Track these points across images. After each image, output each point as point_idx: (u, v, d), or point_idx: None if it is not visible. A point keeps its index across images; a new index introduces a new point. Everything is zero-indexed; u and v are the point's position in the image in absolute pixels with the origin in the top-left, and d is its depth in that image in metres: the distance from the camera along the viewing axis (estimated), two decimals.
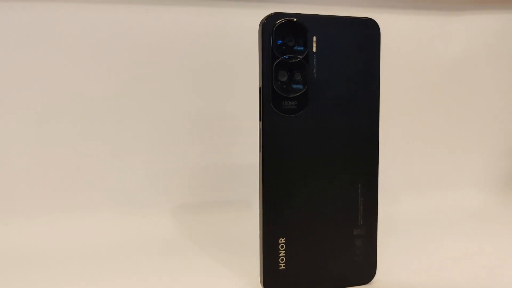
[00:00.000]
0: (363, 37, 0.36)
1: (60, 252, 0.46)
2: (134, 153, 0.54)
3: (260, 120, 0.35)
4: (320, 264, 0.37)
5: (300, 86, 0.35)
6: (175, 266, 0.43)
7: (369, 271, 0.38)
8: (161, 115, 0.55)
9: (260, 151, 0.35)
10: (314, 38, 0.35)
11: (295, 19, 0.34)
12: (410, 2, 0.60)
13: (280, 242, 0.36)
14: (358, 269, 0.38)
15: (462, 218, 0.58)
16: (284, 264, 0.36)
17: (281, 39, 0.34)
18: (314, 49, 0.35)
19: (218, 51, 0.55)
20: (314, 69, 0.35)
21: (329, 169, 0.36)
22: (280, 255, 0.36)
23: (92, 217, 0.52)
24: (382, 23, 0.37)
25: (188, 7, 0.54)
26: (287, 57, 0.34)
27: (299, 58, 0.34)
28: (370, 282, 0.38)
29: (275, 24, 0.34)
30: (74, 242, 0.48)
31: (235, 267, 0.42)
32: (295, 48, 0.34)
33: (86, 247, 0.47)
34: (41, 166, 0.52)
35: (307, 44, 0.35)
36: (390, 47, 0.61)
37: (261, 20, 0.34)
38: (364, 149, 0.37)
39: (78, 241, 0.49)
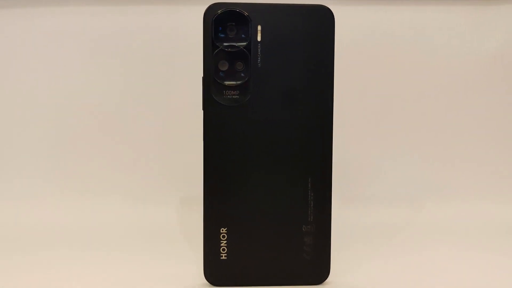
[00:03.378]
0: (315, 25, 0.35)
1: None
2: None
3: (202, 109, 0.35)
4: (265, 258, 0.36)
5: (242, 76, 0.35)
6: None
7: (322, 272, 0.36)
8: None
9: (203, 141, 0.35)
10: (259, 27, 0.34)
11: (236, 9, 0.34)
12: None
13: (221, 232, 0.36)
14: (309, 268, 0.36)
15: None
16: (225, 254, 0.36)
17: (222, 28, 0.34)
18: (259, 38, 0.35)
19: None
20: (259, 58, 0.35)
21: (275, 161, 0.35)
22: (222, 245, 0.36)
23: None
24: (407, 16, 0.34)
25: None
26: (227, 46, 0.34)
27: (239, 47, 0.34)
28: (322, 283, 0.36)
29: (216, 14, 0.34)
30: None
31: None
32: (236, 37, 0.34)
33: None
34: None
35: (250, 33, 0.34)
36: (419, 42, 0.57)
37: (204, 11, 0.34)
38: (315, 143, 0.35)
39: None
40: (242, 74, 0.35)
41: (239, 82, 0.34)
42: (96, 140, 0.56)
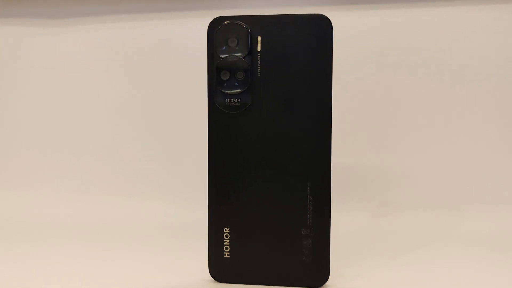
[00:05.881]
0: (313, 34, 0.36)
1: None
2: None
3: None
4: (266, 258, 0.37)
5: (242, 85, 0.36)
6: None
7: (321, 275, 0.37)
8: None
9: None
10: (259, 38, 0.36)
11: (237, 21, 0.36)
12: None
13: (224, 231, 0.38)
14: (308, 271, 0.37)
15: None
16: (228, 252, 0.38)
17: (224, 40, 0.36)
18: (259, 49, 0.36)
19: None
20: (259, 67, 0.36)
21: (275, 166, 0.37)
22: (225, 243, 0.38)
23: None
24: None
25: None
26: (227, 57, 0.36)
27: (239, 57, 0.36)
28: (321, 287, 0.37)
29: (218, 27, 0.36)
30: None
31: None
32: (237, 48, 0.36)
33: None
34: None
35: (250, 44, 0.36)
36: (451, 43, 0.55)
37: (208, 24, 0.37)
38: (314, 148, 0.36)
39: None
40: (243, 83, 0.36)
41: (239, 91, 0.36)
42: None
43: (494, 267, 0.43)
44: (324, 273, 0.37)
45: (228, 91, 0.37)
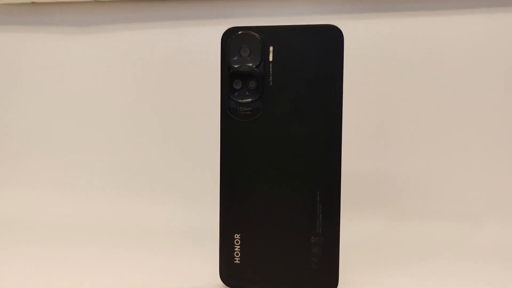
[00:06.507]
0: (324, 44, 0.36)
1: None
2: None
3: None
4: (275, 265, 0.38)
5: (254, 94, 0.37)
6: None
7: (330, 282, 0.37)
8: None
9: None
10: (271, 48, 0.37)
11: (250, 32, 0.37)
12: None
13: (235, 237, 0.38)
14: (317, 278, 0.37)
15: None
16: (239, 258, 0.38)
17: (237, 50, 0.37)
18: (271, 59, 0.37)
19: None
20: (271, 77, 0.37)
21: (285, 174, 0.37)
22: (236, 249, 0.38)
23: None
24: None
25: None
26: (240, 67, 0.37)
27: (251, 67, 0.37)
28: None
29: (231, 37, 0.37)
30: None
31: None
32: (249, 58, 0.37)
33: None
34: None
35: (263, 54, 0.37)
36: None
37: (222, 35, 0.38)
38: (324, 157, 0.37)
39: None
40: (255, 92, 0.37)
41: (251, 100, 0.37)
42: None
43: (507, 280, 0.42)
44: (333, 281, 0.37)
45: (240, 100, 0.37)
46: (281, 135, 0.37)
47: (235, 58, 0.37)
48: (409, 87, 0.57)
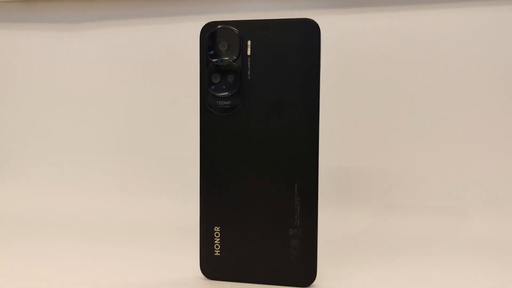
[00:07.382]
0: (301, 38, 0.37)
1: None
2: None
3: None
4: (255, 257, 0.38)
5: (232, 87, 0.37)
6: None
7: (308, 275, 0.38)
8: None
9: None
10: (249, 42, 0.37)
11: (227, 27, 0.37)
12: None
13: (215, 230, 0.39)
14: (296, 271, 0.38)
15: None
16: (219, 250, 0.39)
17: (215, 44, 0.38)
18: (249, 53, 0.37)
19: None
20: (249, 71, 0.37)
21: (263, 167, 0.38)
22: (215, 242, 0.39)
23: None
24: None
25: None
26: (218, 61, 0.37)
27: (229, 61, 0.37)
28: (308, 286, 0.38)
29: (210, 31, 0.38)
30: None
31: None
32: (227, 52, 0.37)
33: None
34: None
35: (240, 48, 0.37)
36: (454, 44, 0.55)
37: (201, 29, 0.38)
38: (301, 150, 0.37)
39: None
40: (233, 86, 0.37)
41: (229, 93, 0.38)
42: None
43: (494, 272, 0.42)
44: (311, 273, 0.38)
45: (219, 94, 0.38)
46: (260, 128, 0.37)
47: (213, 52, 0.38)
48: (395, 79, 0.57)
